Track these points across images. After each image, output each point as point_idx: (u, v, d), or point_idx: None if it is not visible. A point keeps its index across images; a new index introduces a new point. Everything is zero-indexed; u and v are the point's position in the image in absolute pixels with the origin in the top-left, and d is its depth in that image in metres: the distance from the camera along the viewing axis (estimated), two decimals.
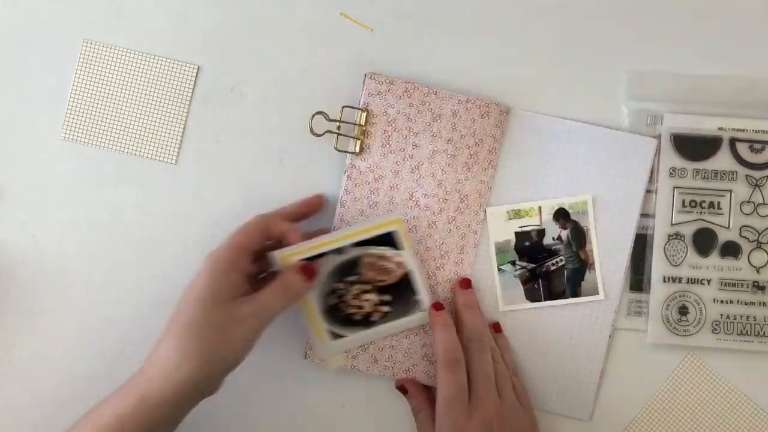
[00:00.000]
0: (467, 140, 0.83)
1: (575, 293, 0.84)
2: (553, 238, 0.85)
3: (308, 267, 0.78)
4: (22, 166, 0.84)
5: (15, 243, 0.84)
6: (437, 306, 0.81)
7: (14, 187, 0.84)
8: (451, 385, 0.76)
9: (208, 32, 0.84)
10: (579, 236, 0.84)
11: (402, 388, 0.83)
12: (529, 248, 0.85)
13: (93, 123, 0.84)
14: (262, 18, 0.84)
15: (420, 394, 0.82)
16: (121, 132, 0.84)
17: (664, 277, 0.84)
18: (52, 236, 0.85)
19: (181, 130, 0.85)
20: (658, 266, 0.85)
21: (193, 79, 0.85)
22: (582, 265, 0.84)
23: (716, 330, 0.84)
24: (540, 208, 0.84)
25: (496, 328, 0.84)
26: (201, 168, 0.85)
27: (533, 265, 0.85)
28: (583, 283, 0.84)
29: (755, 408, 0.85)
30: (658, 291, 0.84)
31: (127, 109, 0.84)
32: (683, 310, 0.84)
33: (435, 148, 0.83)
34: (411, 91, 0.83)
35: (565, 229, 0.84)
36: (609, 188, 0.84)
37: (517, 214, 0.84)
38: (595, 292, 0.84)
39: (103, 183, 0.85)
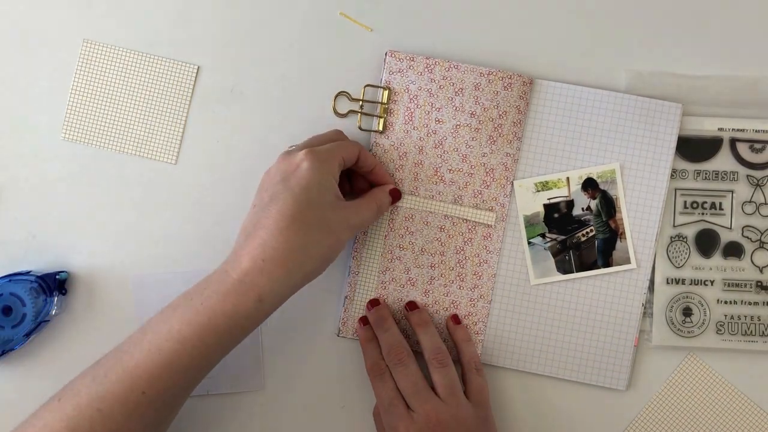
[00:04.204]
0: (491, 113, 0.83)
1: (607, 263, 0.84)
2: (583, 209, 0.84)
3: (398, 191, 0.82)
4: (22, 166, 0.85)
5: (15, 243, 0.84)
6: (362, 320, 0.84)
7: (14, 187, 0.85)
8: (383, 392, 0.78)
9: (208, 32, 0.85)
10: (608, 205, 0.84)
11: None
12: (558, 220, 0.84)
13: (93, 123, 0.84)
14: (263, 18, 0.85)
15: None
16: (121, 132, 0.85)
17: (667, 279, 0.84)
18: (52, 236, 0.85)
19: (181, 130, 0.85)
20: (661, 268, 0.84)
21: (193, 79, 0.85)
22: (612, 235, 0.84)
23: (720, 331, 0.84)
24: (568, 178, 0.84)
25: (455, 319, 0.84)
26: (201, 168, 0.85)
27: (563, 237, 0.84)
28: (614, 252, 0.84)
29: (756, 408, 0.85)
30: (662, 293, 0.84)
31: (127, 109, 0.85)
32: (687, 312, 0.84)
33: (458, 123, 0.83)
34: (432, 66, 0.83)
35: (594, 198, 0.84)
36: (636, 155, 0.84)
37: (544, 186, 0.84)
38: (627, 261, 0.84)
39: (103, 183, 0.85)
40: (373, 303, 0.83)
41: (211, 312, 0.69)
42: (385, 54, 0.84)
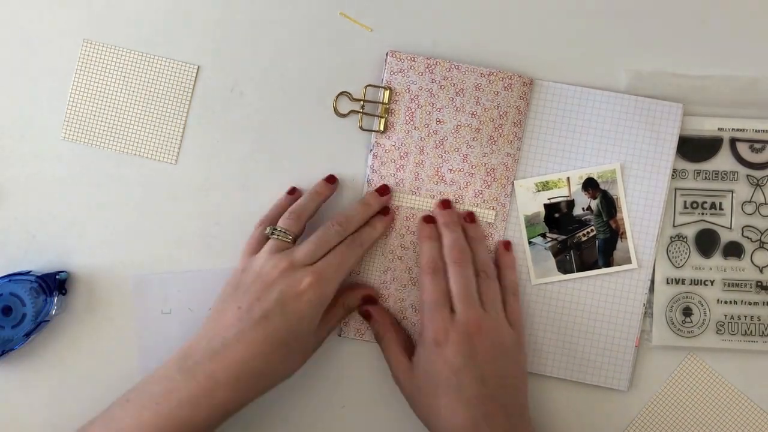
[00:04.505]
0: (491, 113, 0.83)
1: (607, 263, 0.84)
2: (583, 209, 0.84)
3: (372, 297, 0.84)
4: (22, 166, 0.84)
5: (15, 243, 0.84)
6: (427, 219, 0.83)
7: (14, 187, 0.84)
8: (435, 289, 0.78)
9: (208, 32, 0.85)
10: (609, 205, 0.84)
11: (365, 313, 0.83)
12: (559, 220, 0.84)
13: (93, 123, 0.84)
14: (262, 18, 0.85)
15: (384, 317, 0.83)
16: (121, 132, 0.85)
17: (667, 279, 0.84)
18: (52, 236, 0.84)
19: (181, 130, 0.85)
20: (661, 268, 0.84)
21: (193, 79, 0.85)
22: (613, 235, 0.84)
23: (720, 331, 0.84)
24: (568, 178, 0.84)
25: (506, 245, 0.84)
26: (201, 168, 0.85)
27: (564, 237, 0.84)
28: (615, 252, 0.84)
29: (756, 408, 0.85)
30: (662, 293, 0.84)
31: (127, 109, 0.85)
32: (687, 312, 0.84)
33: (459, 123, 0.83)
34: (432, 66, 0.83)
35: (594, 198, 0.84)
36: (637, 155, 0.84)
37: (545, 185, 0.84)
38: (628, 261, 0.84)
39: (103, 183, 0.85)
40: (445, 204, 0.84)
41: (180, 421, 0.71)
42: (386, 54, 0.84)
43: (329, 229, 0.78)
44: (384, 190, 0.83)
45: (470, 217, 0.83)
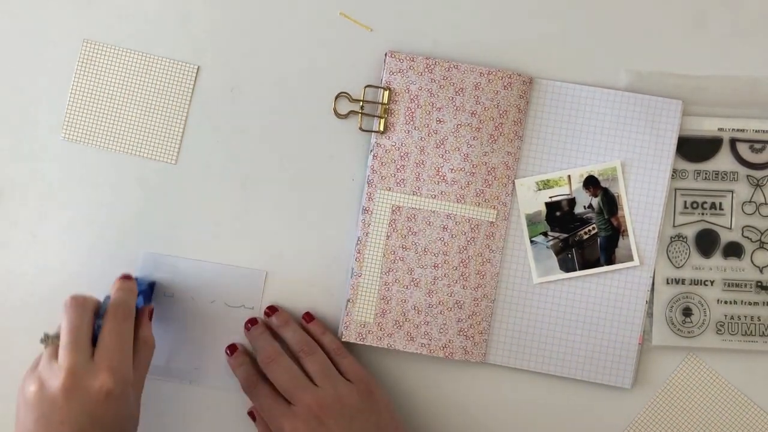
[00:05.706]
0: (491, 112, 0.83)
1: (610, 261, 0.84)
2: (584, 207, 0.84)
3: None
4: (22, 166, 0.84)
5: (15, 243, 0.84)
6: (229, 349, 0.84)
7: (14, 187, 0.84)
8: (263, 400, 0.79)
9: (208, 32, 0.85)
10: (610, 203, 0.84)
11: (251, 415, 0.83)
12: (560, 218, 0.84)
13: (93, 123, 0.84)
14: (262, 18, 0.85)
15: (263, 422, 0.81)
16: (121, 132, 0.84)
17: (667, 279, 0.84)
18: (52, 236, 0.84)
19: (181, 130, 0.85)
20: (661, 268, 0.84)
21: (193, 79, 0.85)
22: (615, 232, 0.84)
23: (720, 331, 0.84)
24: (569, 177, 0.84)
25: (307, 318, 0.84)
26: (201, 168, 0.85)
27: (565, 235, 0.84)
28: (617, 249, 0.84)
29: (756, 408, 0.85)
30: (662, 293, 0.84)
31: (127, 109, 0.84)
32: (687, 312, 0.84)
33: (459, 122, 0.83)
34: (432, 66, 0.83)
35: (595, 196, 0.84)
36: (637, 152, 0.84)
37: (546, 184, 0.84)
38: (630, 259, 0.84)
39: (103, 183, 0.85)
40: (253, 322, 0.84)
41: None
42: (385, 55, 0.84)
43: (72, 313, 0.74)
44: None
45: (270, 309, 0.84)
